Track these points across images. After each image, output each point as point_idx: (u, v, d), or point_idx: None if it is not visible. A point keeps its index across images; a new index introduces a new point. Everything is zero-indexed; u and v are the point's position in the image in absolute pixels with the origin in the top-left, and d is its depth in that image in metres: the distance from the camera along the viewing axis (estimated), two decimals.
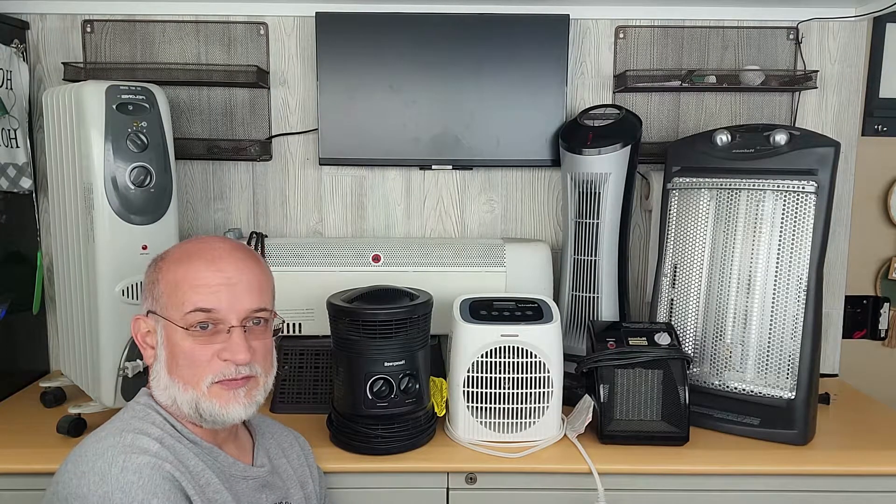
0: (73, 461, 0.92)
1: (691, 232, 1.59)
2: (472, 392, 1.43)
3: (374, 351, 1.37)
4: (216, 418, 1.00)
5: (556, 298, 1.74)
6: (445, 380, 1.53)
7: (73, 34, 1.84)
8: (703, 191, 1.57)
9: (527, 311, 1.47)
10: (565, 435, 1.48)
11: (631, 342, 1.49)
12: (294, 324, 1.69)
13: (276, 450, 1.19)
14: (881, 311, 1.96)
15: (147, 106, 1.44)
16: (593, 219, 1.69)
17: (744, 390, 1.51)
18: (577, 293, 1.73)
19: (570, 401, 1.53)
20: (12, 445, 1.43)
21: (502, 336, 1.41)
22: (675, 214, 1.61)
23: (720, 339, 1.54)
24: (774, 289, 1.48)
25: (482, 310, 1.47)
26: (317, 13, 1.78)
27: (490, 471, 1.39)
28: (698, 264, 1.58)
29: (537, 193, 1.93)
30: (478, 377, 1.42)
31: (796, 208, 1.46)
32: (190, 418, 1.01)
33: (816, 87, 1.83)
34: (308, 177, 1.91)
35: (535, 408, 1.43)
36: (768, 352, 1.49)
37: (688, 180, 1.58)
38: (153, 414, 1.01)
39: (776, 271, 1.48)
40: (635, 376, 1.46)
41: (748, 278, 1.51)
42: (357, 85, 1.80)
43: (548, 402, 1.43)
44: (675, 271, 1.62)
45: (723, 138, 1.54)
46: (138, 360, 1.46)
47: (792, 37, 1.86)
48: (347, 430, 1.41)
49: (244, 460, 1.10)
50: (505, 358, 1.42)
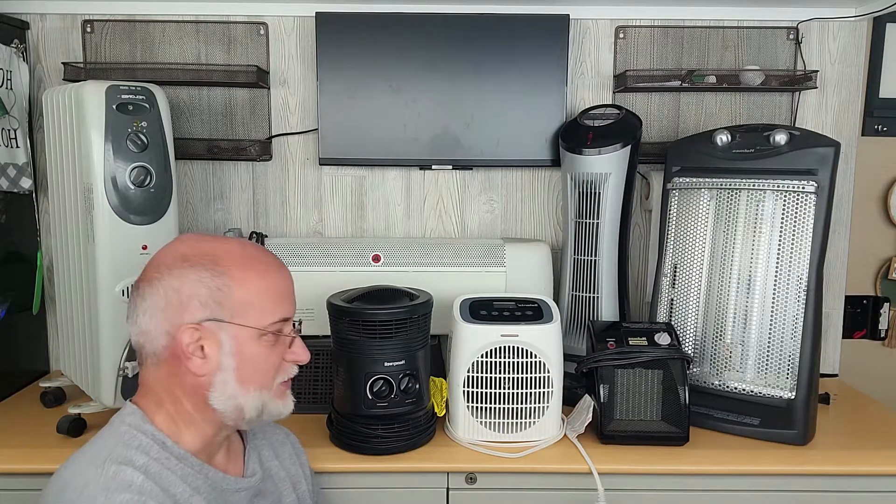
0: (55, 494, 0.89)
1: (691, 232, 1.59)
2: (472, 392, 1.43)
3: (374, 351, 1.37)
4: (276, 415, 1.04)
5: (556, 298, 1.74)
6: (445, 380, 1.53)
7: (73, 34, 1.84)
8: (703, 191, 1.57)
9: (527, 311, 1.47)
10: (565, 435, 1.48)
11: (631, 342, 1.49)
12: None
13: (268, 451, 1.18)
14: (881, 311, 1.96)
15: (147, 106, 1.44)
16: (593, 219, 1.69)
17: (744, 390, 1.51)
18: (577, 293, 1.73)
19: (570, 401, 1.53)
20: (12, 445, 1.43)
21: (502, 336, 1.41)
22: (675, 214, 1.61)
23: (720, 339, 1.54)
24: (774, 289, 1.48)
25: (482, 310, 1.47)
26: (317, 13, 1.78)
27: (490, 471, 1.39)
28: (698, 264, 1.58)
29: (537, 193, 1.93)
30: (478, 377, 1.42)
31: (796, 208, 1.46)
32: (245, 418, 1.00)
33: (816, 87, 1.83)
34: (308, 177, 1.91)
35: (535, 408, 1.43)
36: (768, 352, 1.49)
37: (688, 180, 1.58)
38: (139, 437, 0.96)
39: (776, 271, 1.48)
40: (635, 376, 1.46)
41: (748, 278, 1.51)
42: (357, 85, 1.80)
43: (548, 402, 1.43)
44: (675, 271, 1.62)
45: (723, 138, 1.54)
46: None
47: (792, 37, 1.86)
48: (347, 430, 1.41)
49: (235, 469, 1.09)
50: (505, 358, 1.42)
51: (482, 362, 1.42)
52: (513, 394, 1.42)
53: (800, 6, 1.81)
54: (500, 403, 1.43)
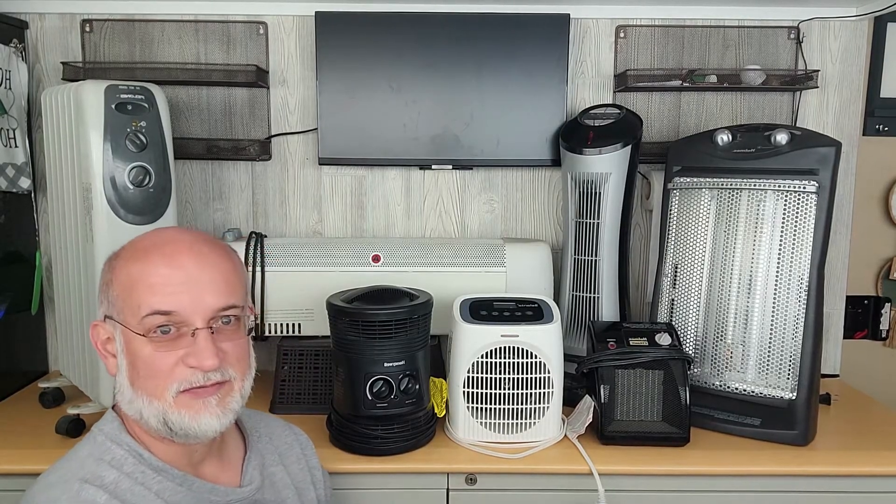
0: None
1: (692, 232, 1.58)
2: (472, 392, 1.43)
3: (374, 351, 1.37)
4: (188, 432, 0.89)
5: (557, 299, 1.73)
6: (445, 380, 1.52)
7: (72, 34, 1.83)
8: (703, 191, 1.57)
9: (527, 312, 1.46)
10: (565, 435, 1.47)
11: (631, 342, 1.48)
12: (294, 324, 1.69)
13: (272, 456, 1.08)
14: (882, 311, 1.96)
15: (146, 105, 1.44)
16: (594, 219, 1.68)
17: (745, 391, 1.50)
18: (578, 293, 1.73)
19: (570, 401, 1.53)
20: (11, 446, 1.43)
21: (502, 336, 1.41)
22: (675, 214, 1.61)
23: (721, 340, 1.54)
24: (775, 289, 1.48)
25: (482, 310, 1.46)
26: (316, 12, 1.77)
27: (490, 471, 1.38)
28: (699, 264, 1.58)
29: (537, 193, 1.92)
30: (478, 377, 1.42)
31: (797, 208, 1.45)
32: (160, 434, 0.90)
33: (817, 87, 1.82)
34: (307, 177, 1.91)
35: (535, 408, 1.43)
36: (769, 352, 1.49)
37: (688, 180, 1.58)
38: (113, 449, 0.90)
39: (777, 271, 1.48)
40: (636, 377, 1.46)
41: (749, 278, 1.50)
42: (357, 85, 1.79)
43: (548, 403, 1.43)
44: (675, 271, 1.61)
45: (724, 138, 1.53)
46: None
47: (793, 36, 1.86)
48: (347, 431, 1.41)
49: (229, 478, 1.00)
50: (505, 358, 1.41)
51: (482, 363, 1.42)
52: (513, 394, 1.42)
53: (801, 6, 1.81)
54: (500, 404, 1.42)
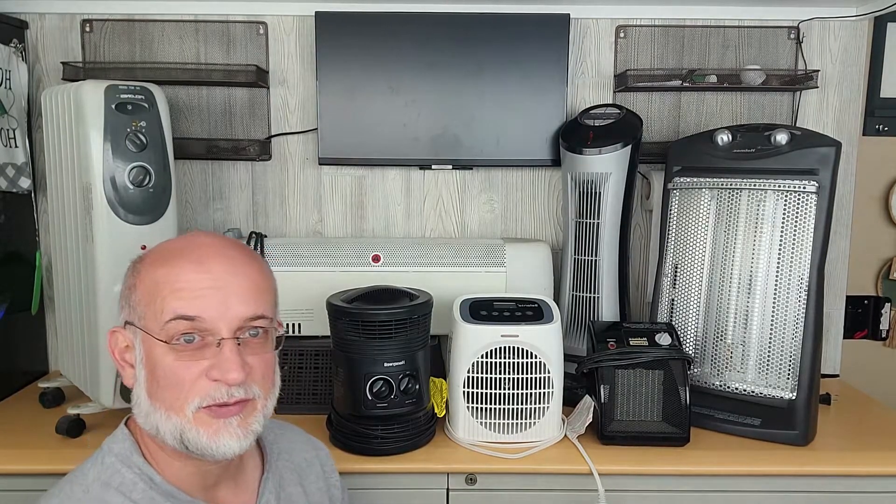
0: None
1: (692, 232, 1.58)
2: (472, 392, 1.43)
3: (373, 351, 1.37)
4: (204, 452, 0.83)
5: (557, 299, 1.73)
6: (445, 380, 1.52)
7: (72, 34, 1.83)
8: (703, 191, 1.57)
9: (527, 312, 1.46)
10: (565, 435, 1.47)
11: (631, 342, 1.48)
12: (294, 324, 1.69)
13: (291, 474, 1.02)
14: (882, 311, 1.95)
15: (146, 105, 1.44)
16: (594, 219, 1.68)
17: (745, 391, 1.50)
18: (578, 293, 1.73)
19: (570, 401, 1.53)
20: (11, 446, 1.43)
21: (502, 336, 1.41)
22: (675, 214, 1.61)
23: (721, 340, 1.54)
24: (775, 289, 1.48)
25: (482, 310, 1.46)
26: (316, 12, 1.77)
27: (490, 471, 1.38)
28: (699, 264, 1.58)
29: (537, 193, 1.92)
30: (478, 377, 1.42)
31: (797, 208, 1.45)
32: (175, 450, 0.85)
33: (817, 87, 1.82)
34: (308, 176, 1.90)
35: (535, 408, 1.43)
36: (769, 352, 1.49)
37: (688, 180, 1.58)
38: (122, 472, 0.85)
39: (777, 271, 1.48)
40: (636, 377, 1.46)
41: (749, 278, 1.50)
42: (357, 85, 1.79)
43: (548, 403, 1.43)
44: (675, 271, 1.61)
45: (724, 138, 1.53)
46: None
47: (793, 36, 1.86)
48: (347, 431, 1.41)
49: (244, 501, 0.95)
50: (505, 358, 1.41)
51: (482, 363, 1.42)
52: (513, 394, 1.42)
53: (801, 5, 1.81)
54: (500, 404, 1.42)
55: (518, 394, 1.42)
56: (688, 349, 1.58)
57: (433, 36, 1.78)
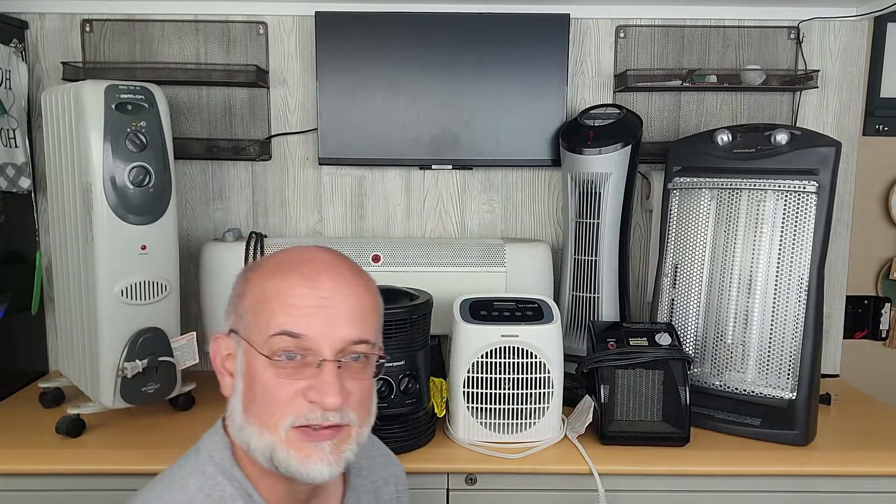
0: None
1: (692, 232, 1.58)
2: (472, 392, 1.43)
3: None
4: (293, 474, 0.80)
5: (557, 299, 1.73)
6: (445, 380, 1.52)
7: (72, 34, 1.83)
8: (703, 191, 1.57)
9: (527, 312, 1.46)
10: (566, 435, 1.47)
11: (631, 342, 1.48)
12: None
13: (369, 495, 0.99)
14: (882, 311, 1.95)
15: (146, 105, 1.44)
16: (594, 219, 1.68)
17: (745, 391, 1.50)
18: (578, 293, 1.73)
19: (570, 401, 1.53)
20: (11, 446, 1.43)
21: (502, 336, 1.41)
22: (675, 214, 1.61)
23: (721, 340, 1.54)
24: (775, 289, 1.48)
25: (482, 310, 1.46)
26: (316, 12, 1.77)
27: (490, 471, 1.38)
28: (699, 264, 1.58)
29: (537, 193, 1.92)
30: (478, 377, 1.42)
31: (797, 208, 1.45)
32: (266, 468, 0.82)
33: (817, 87, 1.82)
34: (308, 176, 1.90)
35: (535, 408, 1.43)
36: (769, 352, 1.49)
37: (688, 180, 1.58)
38: (224, 484, 0.82)
39: (777, 271, 1.48)
40: (636, 377, 1.46)
41: (749, 278, 1.50)
42: (357, 85, 1.79)
43: (548, 403, 1.43)
44: (675, 271, 1.61)
45: (724, 138, 1.53)
46: (137, 361, 1.45)
47: (793, 36, 1.86)
48: None
49: None
50: (505, 358, 1.41)
51: (482, 363, 1.42)
52: (513, 394, 1.42)
53: (801, 6, 1.81)
54: (500, 404, 1.42)
55: (518, 394, 1.42)
56: (688, 349, 1.58)
57: (433, 36, 1.78)
